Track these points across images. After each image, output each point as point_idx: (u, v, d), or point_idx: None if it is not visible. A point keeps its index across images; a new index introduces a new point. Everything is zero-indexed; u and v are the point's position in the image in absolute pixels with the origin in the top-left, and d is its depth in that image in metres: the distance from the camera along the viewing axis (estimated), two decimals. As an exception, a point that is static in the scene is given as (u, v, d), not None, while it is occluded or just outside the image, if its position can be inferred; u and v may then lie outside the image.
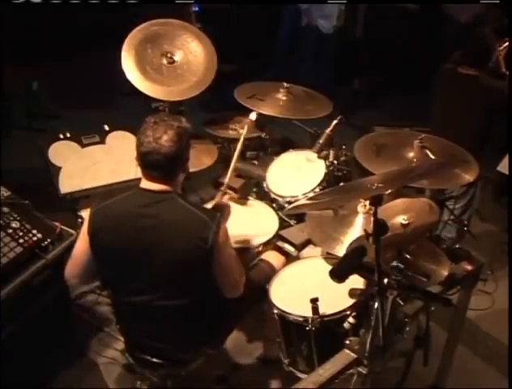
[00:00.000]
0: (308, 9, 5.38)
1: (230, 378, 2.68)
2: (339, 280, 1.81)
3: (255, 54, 5.65)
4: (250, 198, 2.82)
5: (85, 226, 2.07)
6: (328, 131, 2.83)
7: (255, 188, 2.88)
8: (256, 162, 3.08)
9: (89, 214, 2.07)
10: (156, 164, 1.97)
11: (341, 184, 2.65)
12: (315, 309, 2.06)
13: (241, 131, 2.81)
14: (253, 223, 2.64)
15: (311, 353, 2.14)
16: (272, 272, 2.39)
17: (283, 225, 2.63)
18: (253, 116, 3.14)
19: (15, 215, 2.54)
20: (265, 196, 2.78)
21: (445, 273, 2.12)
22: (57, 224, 2.60)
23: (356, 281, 1.96)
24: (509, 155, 3.31)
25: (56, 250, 2.52)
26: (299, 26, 5.51)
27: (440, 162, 2.39)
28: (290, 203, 2.55)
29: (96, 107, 5.00)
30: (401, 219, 2.22)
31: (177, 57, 2.95)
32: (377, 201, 1.81)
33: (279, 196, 2.68)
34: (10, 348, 2.41)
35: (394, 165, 2.35)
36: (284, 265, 2.46)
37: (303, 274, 2.36)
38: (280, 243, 2.55)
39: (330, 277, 1.81)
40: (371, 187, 1.79)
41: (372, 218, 1.78)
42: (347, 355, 1.86)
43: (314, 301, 2.05)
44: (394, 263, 1.96)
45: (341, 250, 2.23)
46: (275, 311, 2.19)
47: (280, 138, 3.58)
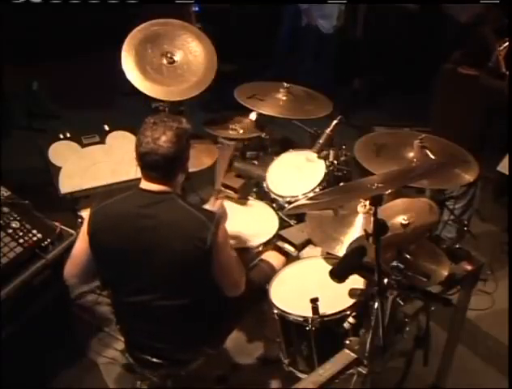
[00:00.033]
0: (308, 9, 5.37)
1: (230, 378, 2.68)
2: (339, 280, 1.81)
3: (255, 54, 5.65)
4: (250, 198, 2.82)
5: (85, 226, 2.07)
6: (328, 131, 2.82)
7: (255, 188, 2.87)
8: (256, 162, 3.07)
9: (89, 214, 2.07)
10: (155, 164, 1.97)
11: (341, 184, 2.65)
12: (315, 309, 2.06)
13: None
14: (253, 223, 2.64)
15: (311, 353, 2.14)
16: (272, 272, 2.39)
17: (283, 225, 2.63)
18: (253, 116, 3.16)
19: (15, 215, 2.54)
20: (265, 196, 2.78)
21: (445, 273, 2.12)
22: (57, 224, 2.60)
23: (356, 281, 1.96)
24: (509, 155, 3.31)
25: (56, 250, 2.52)
26: (299, 26, 5.51)
27: (440, 162, 2.39)
28: (290, 203, 2.55)
29: (96, 107, 5.00)
30: (401, 219, 2.22)
31: (177, 57, 2.94)
32: (377, 201, 1.81)
33: (279, 196, 2.67)
34: (10, 348, 2.41)
35: (394, 165, 2.35)
36: (284, 265, 2.46)
37: (303, 274, 2.36)
38: (280, 243, 2.55)
39: (330, 277, 1.81)
40: (371, 187, 1.79)
41: (372, 218, 1.79)
42: (347, 355, 1.86)
43: (314, 301, 2.05)
44: (394, 263, 1.96)
45: (341, 250, 2.23)
46: (275, 311, 2.19)
47: (280, 138, 3.57)
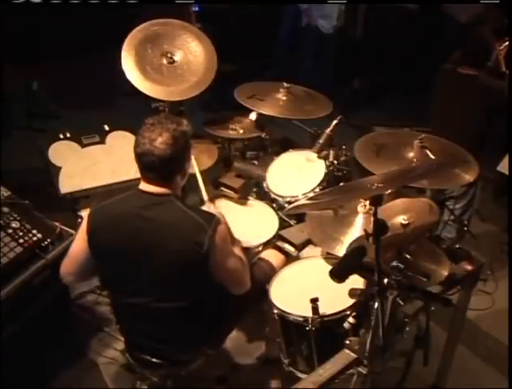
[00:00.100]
0: (308, 9, 5.37)
1: (230, 378, 2.67)
2: (339, 280, 1.81)
3: (255, 54, 5.65)
4: (250, 198, 2.82)
5: (84, 225, 2.06)
6: (328, 131, 2.83)
7: (255, 188, 2.87)
8: (256, 162, 3.08)
9: (88, 213, 2.07)
10: (151, 165, 1.97)
11: (341, 184, 2.65)
12: (315, 309, 2.06)
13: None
14: (253, 223, 2.64)
15: (311, 353, 2.14)
16: (272, 271, 2.38)
17: (283, 225, 2.63)
18: (253, 116, 3.16)
19: (15, 215, 2.54)
20: (265, 196, 2.78)
21: (445, 273, 2.12)
22: (57, 224, 2.60)
23: (356, 281, 1.96)
24: (509, 155, 3.31)
25: (56, 250, 2.52)
26: (299, 26, 5.51)
27: (440, 162, 2.39)
28: (290, 203, 2.55)
29: (96, 107, 5.00)
30: (401, 219, 2.22)
31: (177, 57, 2.95)
32: (377, 201, 1.81)
33: (279, 196, 2.67)
34: (10, 348, 2.41)
35: (394, 165, 2.35)
36: (284, 263, 2.46)
37: (303, 274, 2.36)
38: (280, 243, 2.55)
39: (330, 277, 1.81)
40: (371, 187, 1.79)
41: (372, 218, 1.79)
42: (347, 355, 1.86)
43: (314, 301, 2.05)
44: (394, 263, 1.96)
45: (341, 250, 2.23)
46: (275, 311, 2.19)
47: (280, 138, 3.57)
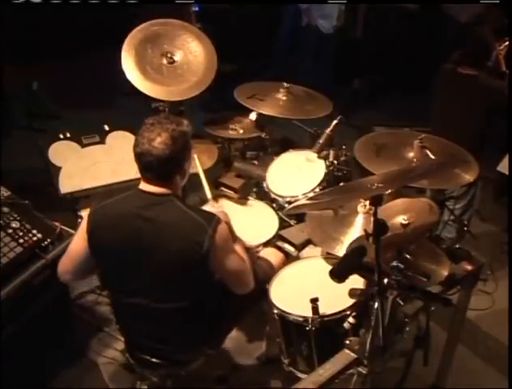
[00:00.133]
0: (308, 9, 5.37)
1: (230, 378, 2.67)
2: (339, 280, 1.81)
3: (255, 54, 5.64)
4: (250, 198, 2.82)
5: (84, 224, 2.06)
6: (328, 131, 2.83)
7: (255, 188, 2.88)
8: (256, 162, 3.08)
9: (88, 212, 2.06)
10: (149, 165, 1.97)
11: (341, 184, 2.65)
12: (315, 309, 2.06)
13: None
14: (253, 223, 2.64)
15: (311, 353, 2.14)
16: (271, 270, 2.38)
17: (283, 225, 2.63)
18: (253, 116, 3.16)
19: (15, 215, 2.54)
20: (265, 196, 2.78)
21: (445, 273, 2.12)
22: (57, 224, 2.60)
23: (356, 281, 1.96)
24: (509, 155, 3.31)
25: (56, 250, 2.51)
26: (299, 26, 5.50)
27: (440, 162, 2.39)
28: (290, 203, 2.55)
29: (96, 107, 4.99)
30: (401, 219, 2.22)
31: (177, 57, 2.95)
32: (377, 201, 1.81)
33: (279, 196, 2.68)
34: (10, 348, 2.40)
35: (394, 165, 2.35)
36: (283, 262, 2.46)
37: (303, 274, 2.36)
38: (280, 243, 2.55)
39: (330, 277, 1.81)
40: (371, 187, 1.79)
41: (372, 218, 1.79)
42: (347, 355, 1.86)
43: (314, 301, 2.05)
44: (394, 263, 1.96)
45: (341, 250, 2.23)
46: (275, 311, 2.19)
47: (280, 138, 3.58)
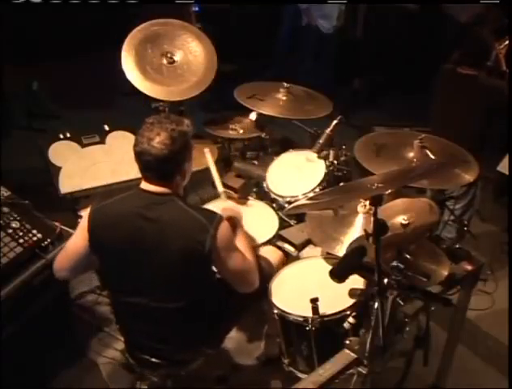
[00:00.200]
0: (308, 9, 5.37)
1: (230, 378, 2.67)
2: (339, 280, 1.81)
3: (255, 54, 5.65)
4: (250, 198, 2.82)
5: (84, 222, 2.05)
6: (328, 131, 2.83)
7: (255, 188, 2.87)
8: (256, 162, 3.08)
9: (89, 211, 2.06)
10: (147, 165, 1.97)
11: (341, 184, 2.65)
12: (315, 309, 2.06)
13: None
14: (253, 223, 2.64)
15: (311, 353, 2.14)
16: (270, 268, 2.38)
17: (283, 225, 2.63)
18: (253, 116, 3.16)
19: (15, 215, 2.54)
20: (265, 196, 2.78)
21: (445, 273, 2.12)
22: (57, 224, 2.60)
23: (356, 281, 1.96)
24: (509, 155, 3.31)
25: (56, 250, 2.51)
26: (299, 26, 5.51)
27: (440, 162, 2.39)
28: (290, 203, 2.55)
29: (96, 107, 5.00)
30: (401, 219, 2.22)
31: (177, 57, 2.95)
32: (377, 201, 1.81)
33: (279, 196, 2.67)
34: (10, 348, 2.40)
35: (394, 165, 2.35)
36: (282, 260, 2.46)
37: (303, 274, 2.36)
38: (280, 243, 2.55)
39: (330, 277, 1.81)
40: (371, 187, 1.79)
41: (372, 218, 1.79)
42: (347, 355, 1.86)
43: (314, 301, 2.05)
44: (394, 263, 1.96)
45: (341, 250, 2.23)
46: (275, 311, 2.19)
47: (280, 138, 3.58)
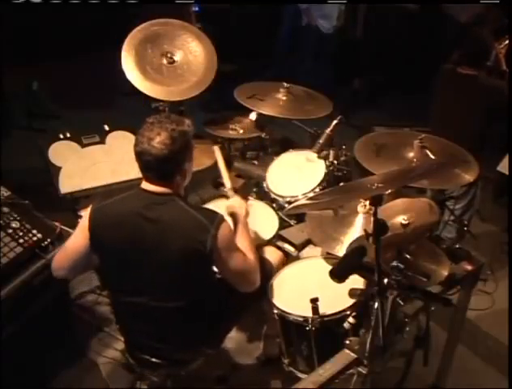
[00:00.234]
0: (308, 9, 5.38)
1: (230, 378, 2.67)
2: (339, 280, 1.81)
3: (255, 54, 5.65)
4: (250, 198, 2.81)
5: (85, 222, 2.05)
6: (328, 131, 2.83)
7: (255, 188, 2.88)
8: (256, 162, 3.08)
9: (89, 211, 2.05)
10: (148, 165, 1.97)
11: (341, 184, 2.65)
12: (315, 309, 2.06)
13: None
14: (253, 223, 2.64)
15: (311, 353, 2.14)
16: (270, 268, 2.38)
17: (283, 225, 2.63)
18: (253, 116, 3.16)
19: (15, 215, 2.54)
20: (265, 196, 2.78)
21: (445, 273, 2.12)
22: (57, 224, 2.60)
23: (356, 281, 1.96)
24: (509, 155, 3.31)
25: (56, 250, 2.51)
26: (299, 26, 5.51)
27: (440, 162, 2.39)
28: (290, 203, 2.55)
29: (96, 107, 5.00)
30: (401, 219, 2.22)
31: (177, 57, 2.95)
32: (377, 201, 1.81)
33: (279, 196, 2.67)
34: (10, 348, 2.40)
35: (394, 165, 2.35)
36: (282, 260, 2.46)
37: (303, 274, 2.36)
38: (280, 243, 2.55)
39: (330, 277, 1.81)
40: (371, 187, 1.79)
41: (372, 218, 1.79)
42: (347, 355, 1.86)
43: (314, 301, 2.05)
44: (394, 263, 1.96)
45: (341, 250, 2.23)
46: (275, 311, 2.19)
47: (280, 138, 3.58)
